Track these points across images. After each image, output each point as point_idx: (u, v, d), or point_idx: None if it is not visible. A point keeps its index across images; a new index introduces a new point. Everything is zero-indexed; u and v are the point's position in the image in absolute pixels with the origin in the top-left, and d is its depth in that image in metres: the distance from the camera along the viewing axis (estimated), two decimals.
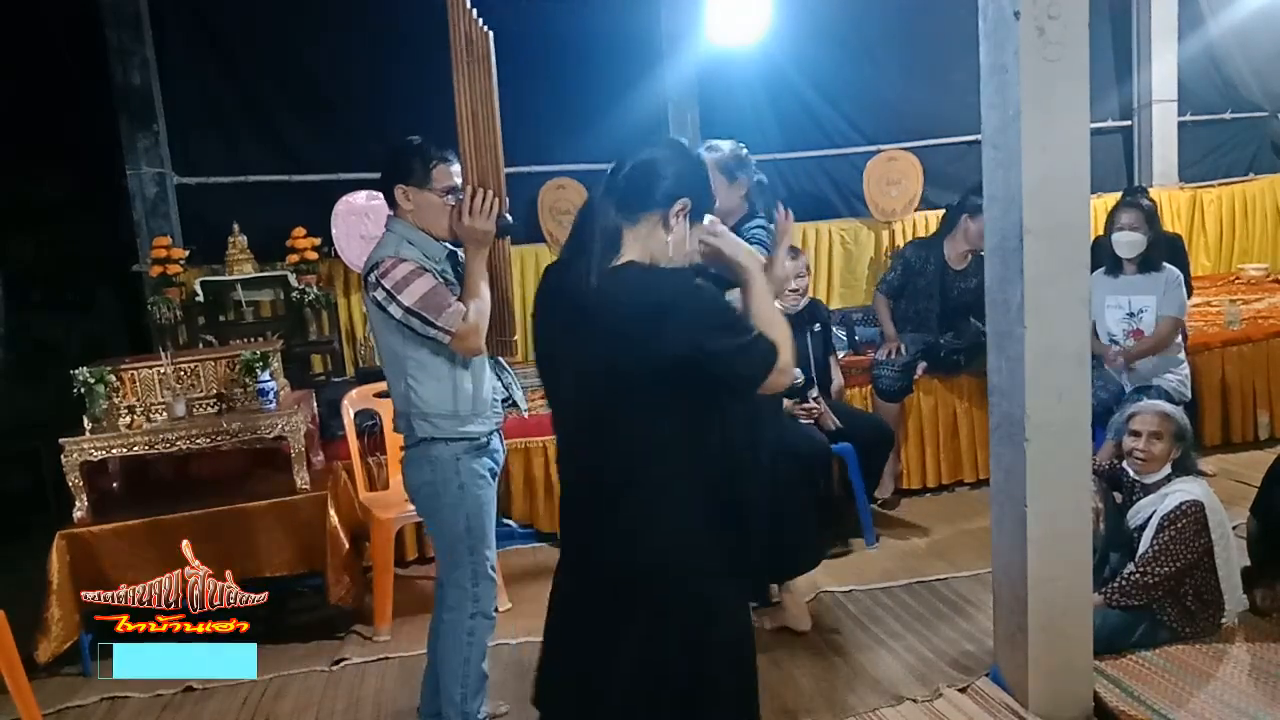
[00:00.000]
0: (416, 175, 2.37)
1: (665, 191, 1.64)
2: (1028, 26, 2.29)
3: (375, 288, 2.30)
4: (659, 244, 1.65)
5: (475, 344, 2.31)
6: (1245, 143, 7.20)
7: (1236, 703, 2.55)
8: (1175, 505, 2.85)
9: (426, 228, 2.40)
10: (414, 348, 2.35)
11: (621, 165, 1.66)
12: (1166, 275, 3.87)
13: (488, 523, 2.47)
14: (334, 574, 3.29)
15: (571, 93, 5.70)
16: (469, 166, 2.29)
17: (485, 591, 2.47)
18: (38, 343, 5.56)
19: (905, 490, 4.47)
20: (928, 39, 6.14)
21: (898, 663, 2.95)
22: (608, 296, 1.56)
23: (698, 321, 1.53)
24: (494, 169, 2.28)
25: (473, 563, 2.44)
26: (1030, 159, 2.35)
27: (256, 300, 4.84)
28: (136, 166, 5.07)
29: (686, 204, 1.66)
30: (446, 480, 2.40)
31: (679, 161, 1.68)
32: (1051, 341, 2.41)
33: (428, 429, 2.39)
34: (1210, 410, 4.67)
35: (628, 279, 1.58)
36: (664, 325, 1.51)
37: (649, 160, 1.65)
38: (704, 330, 1.53)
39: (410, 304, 2.27)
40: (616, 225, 1.62)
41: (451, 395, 2.37)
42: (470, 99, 2.26)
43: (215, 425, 3.36)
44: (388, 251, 2.34)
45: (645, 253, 1.64)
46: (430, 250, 2.39)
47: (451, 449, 2.39)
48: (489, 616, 2.49)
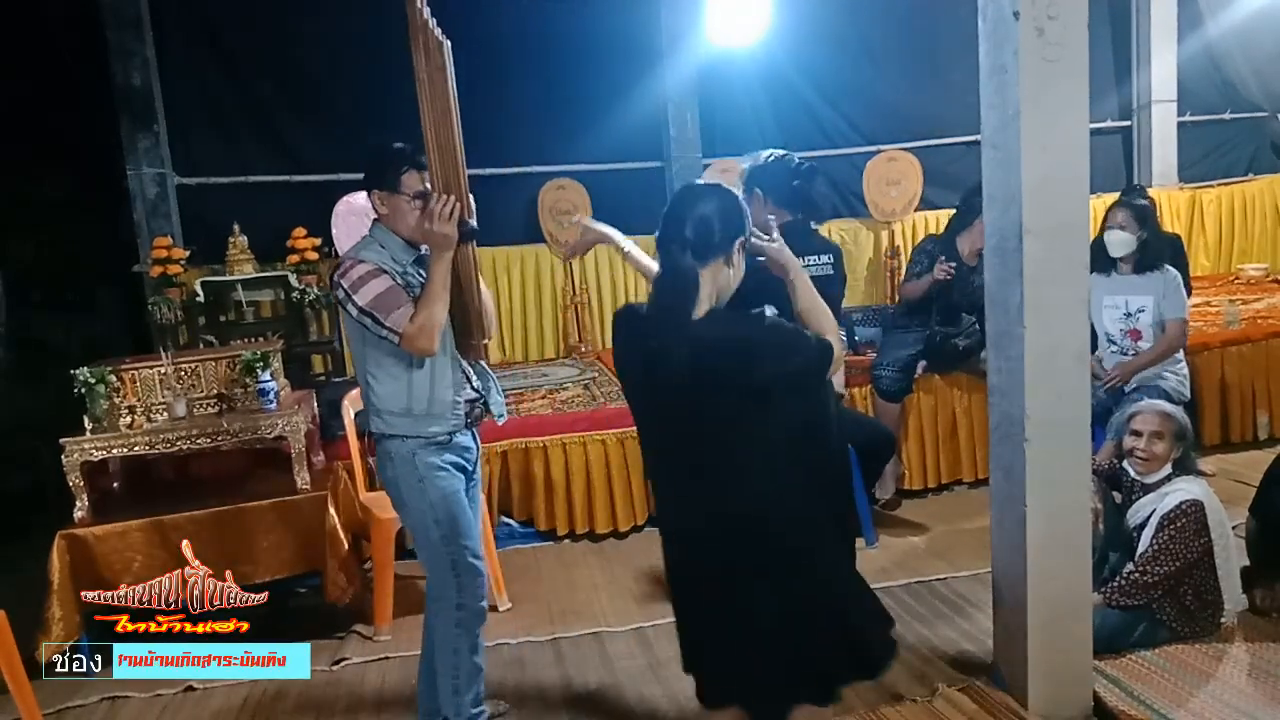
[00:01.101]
0: (388, 181, 2.42)
1: (725, 236, 1.90)
2: (1027, 27, 2.30)
3: (336, 287, 2.39)
4: (725, 278, 1.92)
5: (425, 345, 2.33)
6: (1245, 143, 7.21)
7: (1236, 702, 2.55)
8: (1175, 505, 2.85)
9: (399, 231, 2.45)
10: (372, 346, 2.41)
11: (680, 219, 1.90)
12: (1166, 277, 3.86)
13: (458, 512, 2.47)
14: (334, 574, 3.29)
15: (572, 93, 5.71)
16: (433, 172, 2.35)
17: (468, 582, 2.47)
18: (38, 343, 5.56)
19: (904, 490, 4.47)
20: (927, 39, 6.15)
21: (897, 662, 2.93)
22: (703, 343, 1.84)
23: (779, 353, 1.85)
24: (456, 174, 2.32)
25: (449, 553, 2.46)
26: (1030, 159, 2.35)
27: (257, 300, 4.85)
28: (137, 167, 5.09)
29: (743, 241, 1.94)
30: (406, 475, 2.45)
31: (728, 205, 1.93)
32: (1051, 341, 2.41)
33: (383, 426, 2.45)
34: (1209, 410, 4.67)
35: (716, 325, 1.88)
36: (754, 360, 1.83)
37: (707, 216, 1.90)
38: (785, 357, 1.85)
39: (364, 304, 2.33)
40: (694, 272, 1.87)
41: (406, 394, 2.42)
42: (431, 107, 2.31)
43: (216, 425, 3.36)
44: (352, 253, 2.44)
45: (714, 289, 1.91)
46: (398, 254, 2.44)
47: (408, 445, 2.44)
48: (474, 609, 2.49)
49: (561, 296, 6.02)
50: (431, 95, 2.30)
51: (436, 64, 2.29)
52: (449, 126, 2.31)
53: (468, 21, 5.43)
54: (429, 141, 2.33)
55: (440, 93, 2.30)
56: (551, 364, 5.78)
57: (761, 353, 1.85)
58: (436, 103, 2.31)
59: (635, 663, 3.08)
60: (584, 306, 6.05)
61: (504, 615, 3.49)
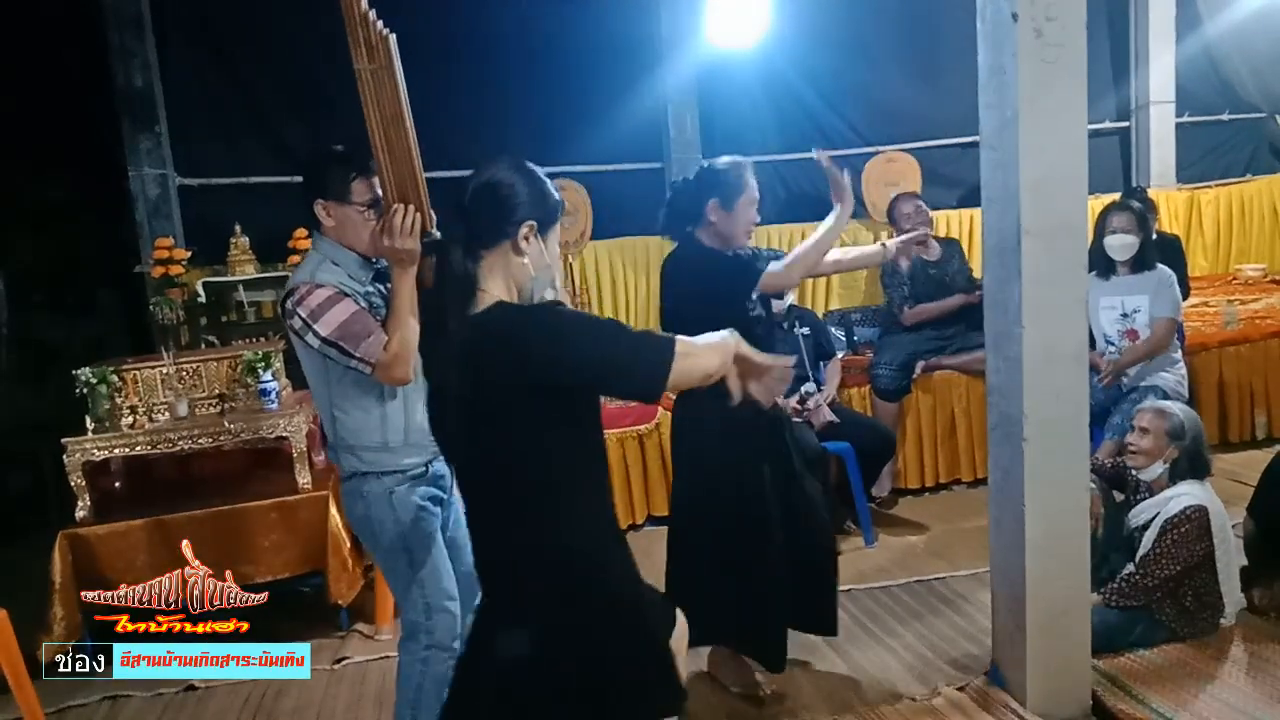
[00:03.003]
0: (334, 189, 2.19)
1: (501, 219, 1.62)
2: (1025, 28, 2.31)
3: (291, 315, 2.14)
4: (519, 269, 1.64)
5: (401, 374, 2.12)
6: (1243, 143, 7.21)
7: (1234, 701, 2.55)
8: (1180, 510, 2.85)
9: (352, 245, 2.23)
10: (337, 378, 2.19)
11: (461, 197, 1.64)
12: (1159, 275, 3.87)
13: (435, 553, 2.32)
14: (335, 573, 3.30)
15: (571, 94, 5.71)
16: (386, 182, 2.11)
17: (440, 623, 2.32)
18: (39, 344, 5.56)
19: (902, 489, 4.48)
20: (926, 40, 6.15)
21: (896, 661, 2.96)
22: (472, 343, 1.55)
23: (557, 338, 1.51)
24: (413, 182, 2.09)
25: (423, 596, 2.31)
26: (1028, 160, 2.36)
27: (258, 301, 4.85)
28: (138, 167, 5.08)
29: (533, 225, 1.65)
30: (381, 518, 2.26)
31: (503, 186, 1.64)
32: (1050, 341, 2.42)
33: (356, 463, 2.25)
34: (1208, 410, 4.67)
35: (490, 320, 1.57)
36: (527, 349, 1.50)
37: (482, 193, 1.63)
38: (567, 344, 1.51)
39: (327, 334, 2.10)
40: (467, 260, 1.59)
41: (380, 427, 2.22)
42: (379, 109, 2.05)
43: (217, 425, 3.37)
44: (303, 276, 2.19)
45: (506, 279, 1.63)
46: (355, 271, 2.23)
47: (384, 483, 2.24)
48: (445, 648, 2.34)
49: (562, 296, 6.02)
50: (378, 97, 2.04)
51: (381, 62, 2.03)
52: (401, 130, 2.06)
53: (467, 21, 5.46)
54: (378, 148, 2.08)
55: (389, 94, 2.04)
56: None
57: (531, 344, 1.51)
58: (385, 105, 2.05)
59: None
60: (585, 306, 6.06)
61: None
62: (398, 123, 2.05)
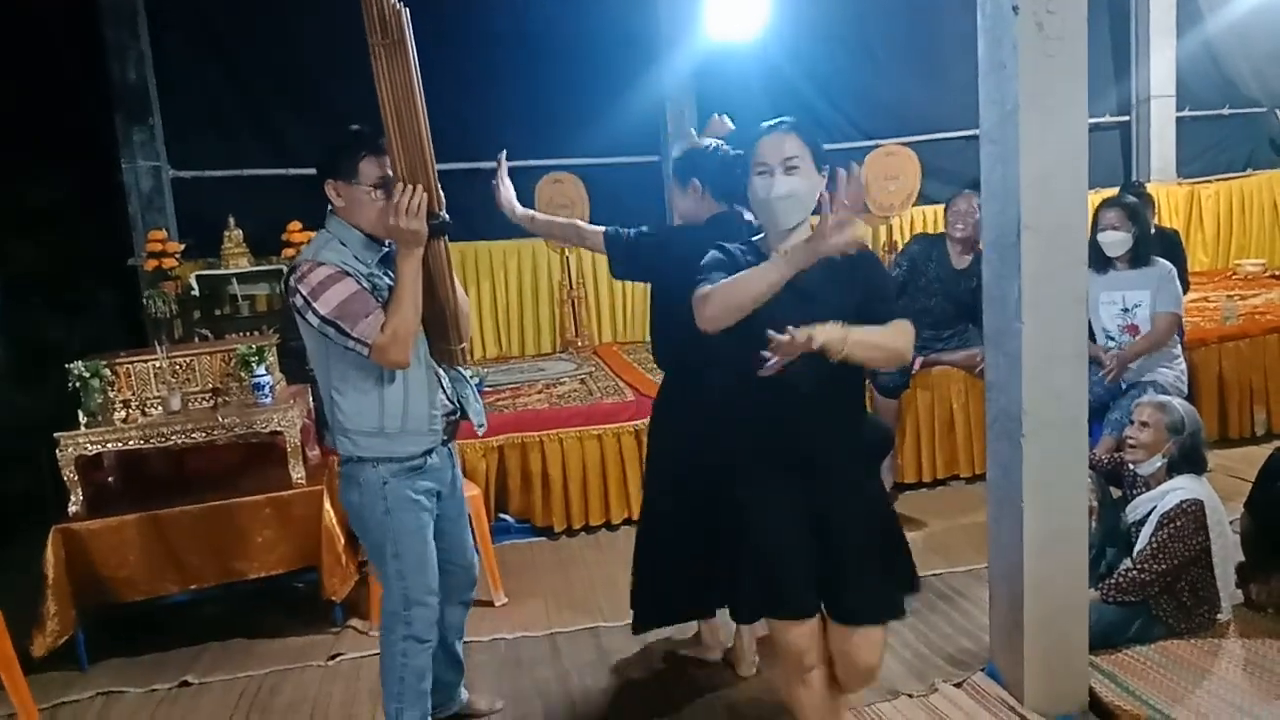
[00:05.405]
0: (343, 169, 2.19)
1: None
2: (1026, 22, 2.29)
3: (293, 293, 2.15)
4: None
5: (398, 356, 2.12)
6: (1243, 139, 7.21)
7: (1231, 697, 2.55)
8: (1176, 504, 2.84)
9: (360, 226, 2.22)
10: (336, 359, 2.19)
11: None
12: (1159, 270, 3.86)
13: (422, 548, 2.32)
14: (329, 569, 3.28)
15: (570, 87, 5.70)
16: (396, 161, 2.09)
17: (418, 616, 2.32)
18: (38, 344, 5.54)
19: (901, 484, 4.47)
20: (926, 34, 6.14)
21: (893, 657, 2.95)
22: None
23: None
24: (423, 163, 2.07)
25: (402, 589, 2.31)
26: (1028, 154, 2.34)
27: (252, 294, 4.84)
28: (132, 160, 5.07)
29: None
30: (372, 505, 2.25)
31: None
32: (1049, 337, 2.41)
33: (351, 448, 2.24)
34: (1207, 406, 4.66)
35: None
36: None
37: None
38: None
39: (326, 312, 2.10)
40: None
41: (377, 411, 2.20)
42: (391, 86, 2.03)
43: (211, 419, 3.35)
44: (307, 254, 2.21)
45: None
46: (361, 252, 2.23)
47: (379, 472, 2.23)
48: (422, 640, 2.35)
49: (558, 291, 6.02)
50: (390, 73, 2.01)
51: (395, 36, 1.99)
52: (413, 108, 2.03)
53: (466, 15, 5.43)
54: (389, 126, 2.07)
55: (401, 70, 2.01)
56: (548, 358, 5.77)
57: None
58: (396, 81, 2.01)
59: (632, 657, 3.08)
60: (580, 301, 6.05)
61: (500, 611, 3.49)
62: (410, 101, 2.05)
